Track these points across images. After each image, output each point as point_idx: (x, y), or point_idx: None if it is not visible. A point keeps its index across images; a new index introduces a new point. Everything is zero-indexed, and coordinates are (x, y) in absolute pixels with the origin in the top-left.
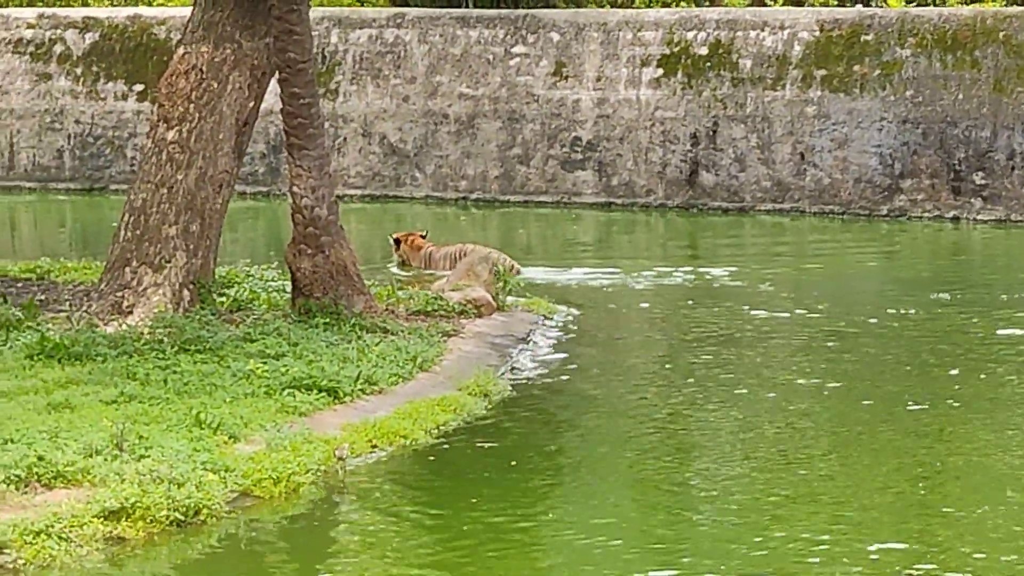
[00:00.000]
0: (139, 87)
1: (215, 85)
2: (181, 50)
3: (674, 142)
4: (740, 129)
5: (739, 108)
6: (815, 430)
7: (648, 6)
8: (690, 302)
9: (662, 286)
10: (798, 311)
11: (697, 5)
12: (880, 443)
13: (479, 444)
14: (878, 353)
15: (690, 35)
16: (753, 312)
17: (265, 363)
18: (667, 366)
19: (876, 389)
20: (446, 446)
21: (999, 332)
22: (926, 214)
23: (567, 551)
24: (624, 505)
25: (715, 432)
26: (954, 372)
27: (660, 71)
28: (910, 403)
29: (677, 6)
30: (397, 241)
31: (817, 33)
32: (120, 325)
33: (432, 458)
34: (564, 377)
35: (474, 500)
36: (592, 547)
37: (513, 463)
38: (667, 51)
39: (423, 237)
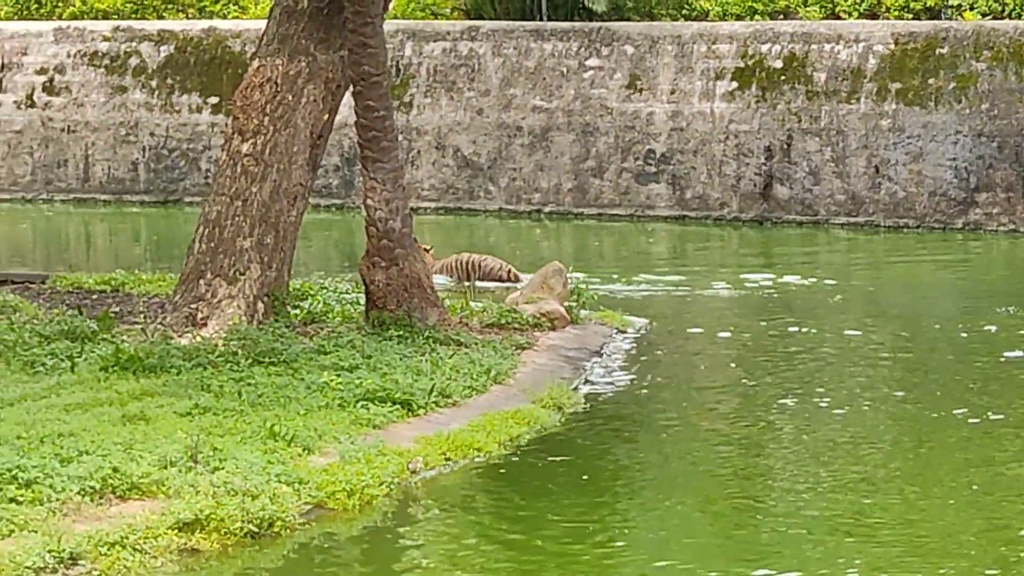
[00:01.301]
0: (213, 100)
1: (290, 98)
2: (256, 63)
3: (748, 155)
4: (814, 142)
5: (813, 121)
6: (890, 447)
7: (722, 19)
8: (764, 316)
9: (736, 299)
10: (872, 325)
11: (772, 18)
12: (957, 462)
13: (552, 458)
14: (952, 368)
15: (764, 48)
16: (826, 326)
17: (339, 375)
18: (741, 380)
19: (952, 405)
20: (519, 459)
21: None
22: (1001, 227)
23: (638, 568)
24: (697, 522)
25: (788, 448)
26: None
27: (734, 84)
28: (990, 414)
29: (752, 19)
30: None
31: (892, 46)
32: (194, 337)
33: (505, 471)
34: (637, 391)
35: (546, 515)
36: (663, 565)
37: (585, 477)
38: (741, 64)
39: (428, 251)
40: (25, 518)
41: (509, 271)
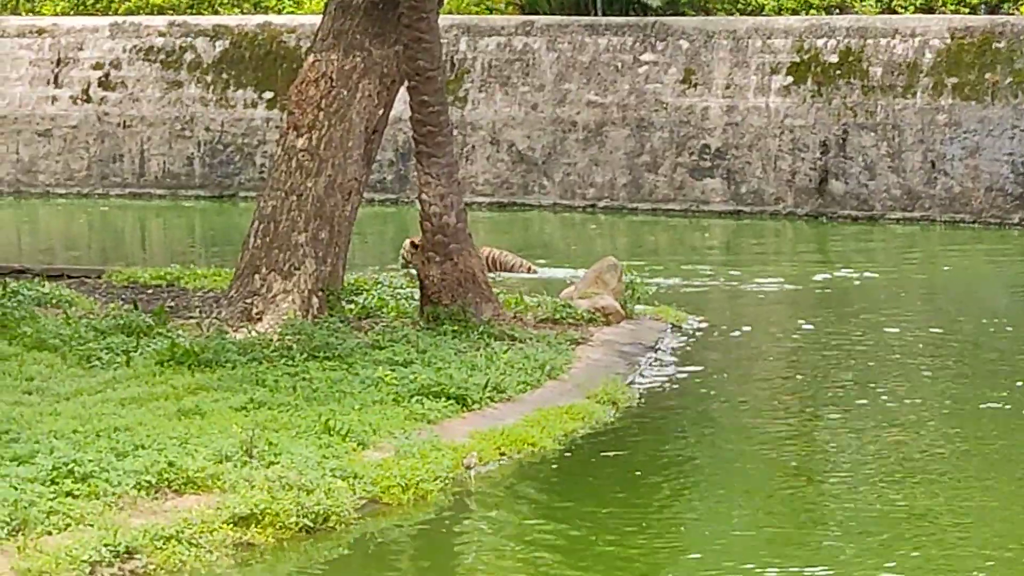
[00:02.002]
0: (268, 95)
1: (345, 93)
2: (311, 58)
3: (803, 150)
4: (870, 137)
5: (869, 116)
6: (949, 443)
7: (778, 13)
8: (819, 311)
9: (791, 295)
10: (929, 320)
11: (827, 12)
12: (1016, 457)
13: (605, 453)
14: (1008, 364)
15: (820, 43)
16: (882, 321)
17: (394, 370)
18: (796, 376)
19: (1009, 400)
20: (573, 455)
21: None
22: None
23: (691, 566)
24: (751, 519)
25: (844, 443)
26: None
27: (790, 79)
28: None
29: (807, 14)
30: (414, 244)
31: (948, 41)
32: (249, 332)
33: (558, 467)
34: (692, 386)
35: (600, 512)
36: (716, 562)
37: (638, 473)
38: (797, 59)
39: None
40: (81, 512)
41: (529, 267)
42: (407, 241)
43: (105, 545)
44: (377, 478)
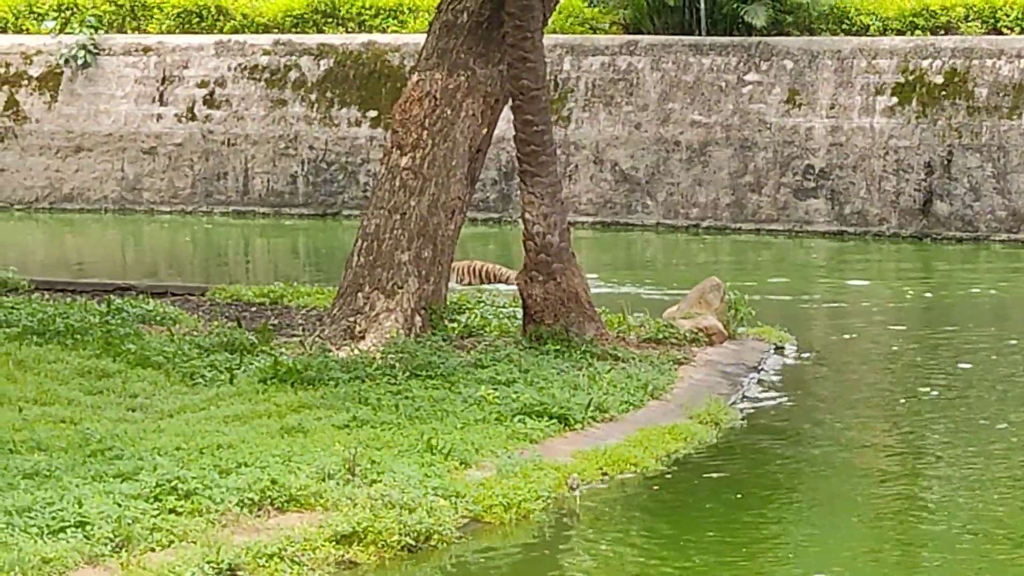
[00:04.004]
0: (372, 113)
1: (449, 112)
2: (415, 77)
3: (908, 171)
4: (975, 158)
5: (975, 137)
6: None
7: (883, 34)
8: (924, 331)
9: (895, 315)
10: None
11: (932, 33)
12: None
13: (708, 474)
14: None
15: (925, 63)
16: (988, 341)
17: (496, 389)
18: (901, 400)
19: None
20: (676, 476)
21: None
22: None
23: None
24: (854, 542)
25: (950, 466)
26: None
27: (895, 99)
28: None
29: (912, 34)
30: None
31: None
32: (352, 350)
33: (661, 487)
34: (795, 407)
35: (702, 533)
36: None
37: (739, 495)
38: (902, 79)
39: None
40: (184, 529)
41: (505, 275)
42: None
43: (208, 562)
44: (479, 497)
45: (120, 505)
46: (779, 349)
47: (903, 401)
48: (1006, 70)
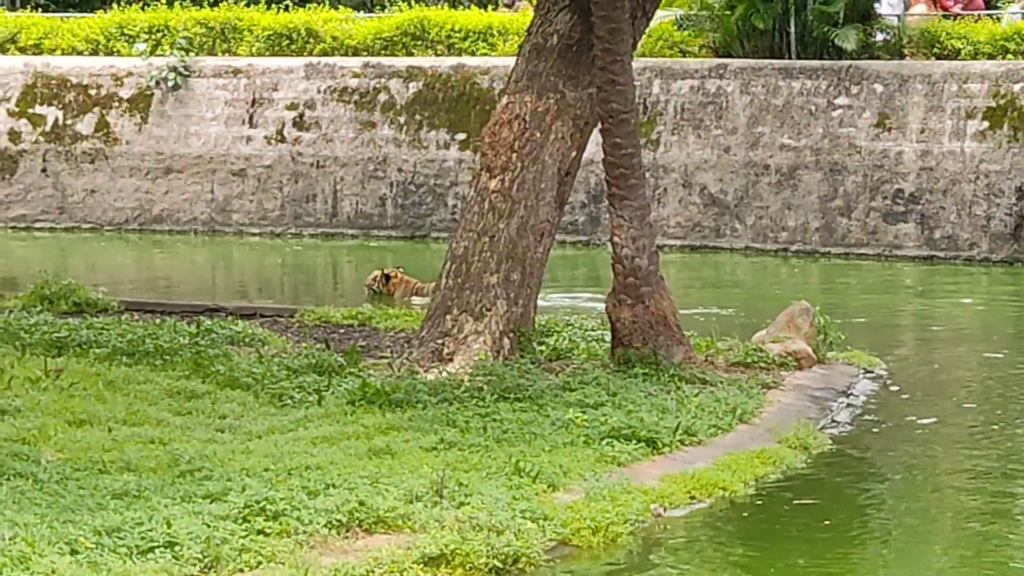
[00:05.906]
0: (461, 136)
1: (538, 135)
2: (505, 99)
3: (999, 195)
4: None
5: None
6: None
7: (974, 58)
8: (1015, 357)
9: (986, 341)
10: None
11: None
12: None
13: (797, 500)
14: None
15: (1017, 87)
16: None
17: (584, 412)
18: (992, 426)
19: None
20: (764, 501)
21: None
22: None
23: None
24: (943, 572)
25: None
26: None
27: (986, 123)
28: None
29: (1003, 58)
30: (387, 276)
31: None
32: (440, 372)
33: (749, 513)
34: (884, 433)
35: (790, 559)
36: None
37: (827, 522)
38: (993, 103)
39: (398, 271)
40: (272, 550)
41: None
42: (378, 272)
43: None
44: (567, 520)
45: (209, 526)
46: (869, 373)
47: (994, 428)
48: None
